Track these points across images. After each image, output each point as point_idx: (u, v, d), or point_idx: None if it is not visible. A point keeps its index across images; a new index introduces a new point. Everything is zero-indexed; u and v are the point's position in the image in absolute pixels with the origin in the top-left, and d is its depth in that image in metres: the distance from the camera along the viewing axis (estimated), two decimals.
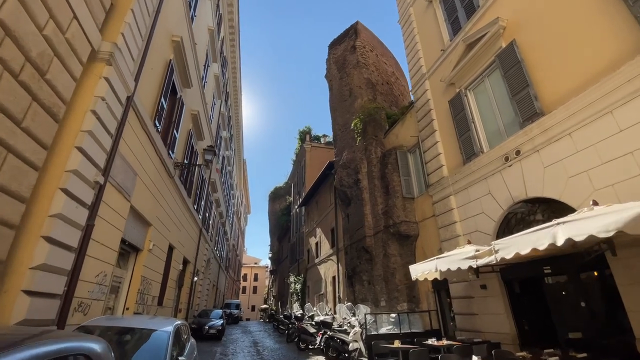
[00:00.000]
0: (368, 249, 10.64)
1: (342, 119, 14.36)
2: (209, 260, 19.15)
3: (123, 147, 6.01)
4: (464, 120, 7.88)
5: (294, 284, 21.08)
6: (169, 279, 10.62)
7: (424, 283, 8.96)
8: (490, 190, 6.97)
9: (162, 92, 7.88)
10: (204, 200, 15.55)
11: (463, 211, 7.70)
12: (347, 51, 15.12)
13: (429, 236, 8.98)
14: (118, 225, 6.09)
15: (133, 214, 7.04)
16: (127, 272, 7.67)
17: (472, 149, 7.53)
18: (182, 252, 11.87)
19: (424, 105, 9.56)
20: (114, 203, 5.84)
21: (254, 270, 64.63)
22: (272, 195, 35.09)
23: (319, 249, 17.68)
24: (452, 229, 7.89)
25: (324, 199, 17.72)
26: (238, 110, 25.81)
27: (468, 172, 7.56)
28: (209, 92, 14.93)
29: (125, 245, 7.15)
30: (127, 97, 5.92)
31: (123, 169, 6.07)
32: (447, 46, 8.92)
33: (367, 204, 11.20)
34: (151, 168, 7.65)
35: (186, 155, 11.22)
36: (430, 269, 5.93)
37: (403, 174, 10.07)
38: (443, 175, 8.43)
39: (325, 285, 15.86)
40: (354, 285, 11.56)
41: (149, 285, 8.37)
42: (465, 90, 8.07)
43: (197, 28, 11.52)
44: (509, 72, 6.71)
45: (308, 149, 22.98)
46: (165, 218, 9.32)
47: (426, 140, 9.25)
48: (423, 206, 9.39)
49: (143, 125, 6.87)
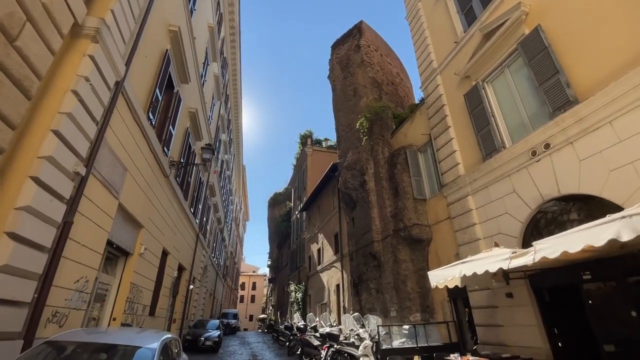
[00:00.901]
0: (376, 255, 9.96)
1: (346, 119, 13.82)
2: (205, 268, 18.36)
3: (111, 137, 5.41)
4: (483, 114, 7.32)
5: (294, 292, 20.22)
6: (163, 287, 9.88)
7: (439, 291, 8.26)
8: (515, 188, 6.37)
9: (157, 83, 7.31)
10: (202, 204, 14.88)
11: (483, 212, 7.08)
12: (351, 50, 14.69)
13: (444, 240, 8.33)
14: (104, 224, 5.43)
15: (122, 213, 6.38)
16: (115, 279, 6.97)
17: (493, 144, 6.95)
18: (177, 257, 11.14)
19: (436, 101, 9.02)
20: (99, 199, 5.19)
21: (252, 279, 63.38)
22: (271, 202, 34.35)
23: (322, 255, 16.94)
24: (471, 231, 7.25)
25: (326, 203, 17.05)
26: (238, 113, 25.33)
27: (488, 170, 6.96)
28: (208, 91, 14.42)
29: (113, 248, 6.47)
30: (116, 82, 5.34)
31: (110, 162, 5.44)
32: (461, 38, 8.43)
33: (375, 207, 10.57)
34: (143, 164, 7.03)
35: (183, 155, 10.60)
36: (453, 274, 5.28)
37: (414, 174, 9.47)
38: (459, 174, 7.83)
39: (329, 294, 15.07)
40: (360, 294, 10.84)
41: (139, 294, 7.65)
42: (482, 83, 7.54)
43: (197, 23, 11.04)
44: (534, 59, 6.18)
45: (309, 153, 22.39)
46: (159, 220, 8.65)
47: (439, 138, 8.68)
48: (436, 208, 8.76)
49: (135, 117, 6.27)
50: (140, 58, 6.45)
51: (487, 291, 6.68)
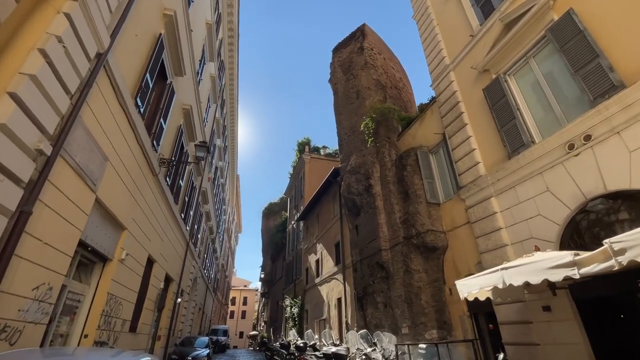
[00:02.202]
0: (384, 265, 9.11)
1: (349, 122, 13.21)
2: (195, 280, 17.17)
3: (89, 118, 4.60)
4: (506, 108, 6.72)
5: (289, 307, 19.00)
6: (147, 299, 8.83)
7: (458, 305, 7.43)
8: (549, 186, 5.69)
9: (147, 67, 6.56)
10: (193, 210, 13.91)
11: (509, 215, 6.37)
12: (354, 53, 14.24)
13: (462, 248, 7.56)
14: (75, 221, 4.54)
15: (100, 210, 5.50)
16: (90, 288, 6.00)
17: (520, 139, 6.31)
18: (164, 267, 10.12)
19: (450, 98, 8.44)
20: (71, 189, 4.33)
21: (243, 294, 61.27)
22: (266, 212, 33.26)
23: (321, 267, 15.93)
24: (495, 237, 6.51)
25: (326, 211, 16.19)
26: (234, 120, 24.65)
27: (515, 168, 6.30)
28: (204, 91, 13.71)
29: (88, 252, 5.54)
30: (98, 54, 4.58)
31: (87, 147, 4.61)
32: (477, 31, 7.94)
33: (382, 213, 9.79)
34: (128, 157, 6.18)
35: (175, 154, 9.76)
36: (491, 283, 4.48)
37: (426, 177, 8.77)
38: (479, 174, 7.15)
39: (329, 308, 14.00)
40: (365, 309, 9.91)
41: (118, 306, 6.65)
42: (504, 76, 6.98)
43: (194, 16, 10.44)
44: (567, 45, 5.63)
45: (307, 160, 21.67)
46: (145, 223, 7.72)
47: (455, 136, 8.04)
48: (452, 212, 8.02)
49: (120, 100, 5.48)
50: (129, 36, 5.73)
51: (519, 304, 5.89)
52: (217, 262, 28.87)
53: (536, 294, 5.64)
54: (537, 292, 5.58)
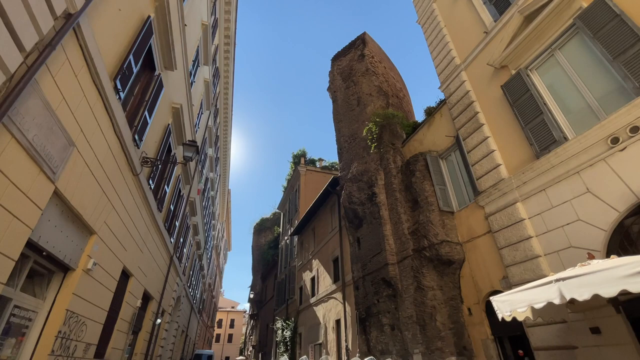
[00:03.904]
0: (391, 281, 8.16)
1: (349, 129, 12.57)
2: (179, 299, 15.75)
3: (50, 88, 3.74)
4: (530, 104, 6.11)
5: (281, 330, 17.54)
6: (119, 319, 7.63)
7: (479, 328, 6.49)
8: (589, 187, 4.98)
9: (132, 49, 5.79)
10: (179, 221, 12.81)
11: (541, 222, 5.60)
12: (354, 60, 13.84)
13: (482, 261, 6.72)
14: (23, 215, 3.58)
15: (61, 207, 4.53)
16: (46, 303, 4.91)
17: (550, 136, 5.66)
18: (142, 282, 8.95)
19: (463, 98, 7.86)
20: (18, 172, 3.41)
21: (230, 316, 58.37)
22: (257, 227, 31.89)
23: (317, 285, 14.74)
24: (525, 247, 5.71)
25: (323, 224, 15.21)
26: (227, 130, 23.91)
27: (545, 168, 5.60)
28: (196, 95, 13.00)
29: (42, 257, 4.51)
30: (67, 13, 3.81)
31: (44, 123, 3.72)
32: (491, 28, 7.48)
33: (387, 223, 8.94)
34: (102, 147, 5.28)
35: (161, 156, 8.86)
36: (544, 298, 3.61)
37: (437, 183, 8.02)
38: (501, 177, 6.44)
39: (326, 332, 12.74)
40: (368, 332, 8.84)
41: (80, 326, 5.52)
42: (526, 70, 6.43)
43: (190, 11, 9.86)
44: (601, 31, 5.11)
45: (303, 173, 20.84)
46: (120, 229, 6.71)
47: (470, 138, 7.39)
48: (469, 221, 7.23)
49: (95, 77, 4.66)
50: (111, 8, 5.00)
51: (559, 325, 5.02)
52: (204, 281, 27.19)
53: (581, 312, 4.80)
54: (582, 310, 4.74)
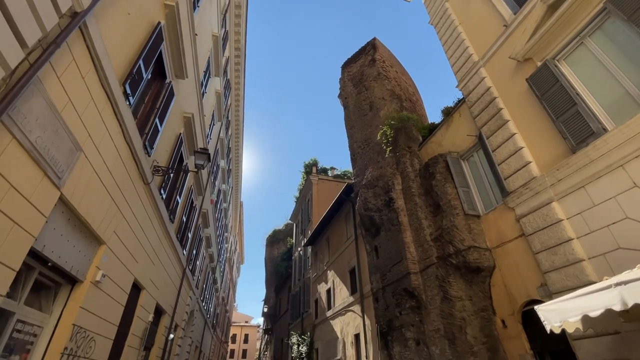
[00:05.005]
0: (414, 292, 7.64)
1: (362, 134, 12.27)
2: (192, 313, 15.44)
3: (55, 88, 3.59)
4: (562, 96, 5.68)
5: (296, 346, 16.93)
6: (130, 334, 7.35)
7: (515, 342, 5.90)
8: (636, 181, 4.48)
9: (142, 54, 5.70)
10: (192, 233, 12.61)
11: (581, 222, 5.09)
12: (365, 66, 13.66)
13: (515, 267, 6.18)
14: (26, 222, 3.37)
15: (67, 214, 4.33)
16: (52, 318, 4.67)
17: (587, 128, 5.19)
18: (154, 296, 8.69)
19: (484, 95, 7.47)
20: (19, 176, 3.21)
21: (244, 330, 57.59)
22: (269, 239, 31.57)
23: (333, 297, 14.18)
24: (565, 250, 5.18)
25: (338, 233, 14.76)
26: (239, 142, 23.98)
27: (584, 162, 5.12)
28: (208, 105, 13.01)
29: (47, 269, 4.29)
30: (74, 12, 3.69)
31: (48, 125, 3.55)
32: (511, 20, 7.14)
33: (407, 230, 8.47)
34: (111, 153, 5.12)
35: (173, 166, 8.72)
36: (602, 304, 3.13)
37: (460, 185, 7.56)
38: (532, 176, 5.96)
39: (344, 347, 12.13)
40: (391, 347, 8.27)
41: (88, 342, 5.25)
42: (553, 61, 6.03)
43: (200, 21, 9.91)
44: (636, 13, 4.70)
45: (315, 182, 20.55)
46: (131, 239, 6.50)
47: (494, 136, 6.96)
48: (498, 225, 6.72)
49: (103, 80, 4.53)
50: (119, 11, 4.91)
51: (611, 337, 4.44)
52: (217, 295, 26.85)
53: (636, 322, 4.24)
54: (638, 319, 4.18)
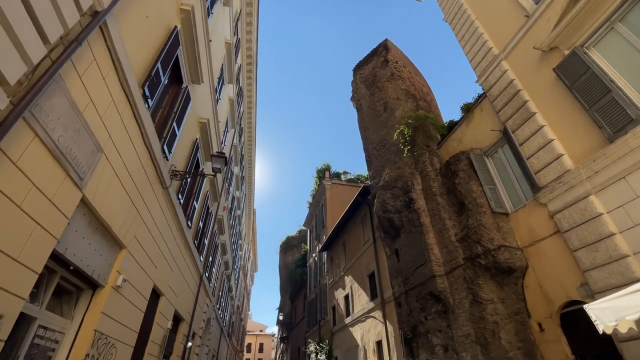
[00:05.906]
0: (440, 295, 7.31)
1: (377, 135, 12.07)
2: (208, 321, 15.32)
3: (76, 87, 3.56)
4: (594, 83, 5.38)
5: (315, 354, 16.55)
6: (150, 342, 7.26)
7: (555, 346, 5.51)
8: None
9: (160, 57, 5.70)
10: (208, 239, 12.57)
11: (624, 215, 4.74)
12: (378, 67, 13.53)
13: (551, 266, 5.81)
14: (48, 223, 3.31)
15: (89, 217, 4.27)
16: (73, 323, 4.60)
17: (624, 115, 4.88)
18: (172, 302, 8.60)
19: (507, 88, 7.20)
20: (42, 175, 3.16)
21: (259, 339, 57.19)
22: (283, 246, 31.40)
23: (351, 303, 13.84)
24: (607, 246, 4.82)
25: (354, 237, 14.47)
26: (252, 150, 24.11)
27: (623, 152, 4.80)
28: (222, 112, 13.08)
29: (70, 272, 4.22)
30: (94, 10, 3.68)
31: (70, 124, 3.51)
32: (533, 10, 6.90)
33: (430, 231, 8.17)
34: (131, 156, 5.09)
35: (189, 170, 8.72)
36: None
37: (486, 182, 7.25)
38: (566, 169, 5.63)
39: (365, 355, 11.73)
40: (416, 354, 7.90)
41: (109, 349, 5.15)
42: (582, 48, 5.74)
43: (214, 28, 10.00)
44: None
45: (328, 187, 20.35)
46: (150, 244, 6.44)
47: (520, 130, 6.66)
48: (529, 222, 6.37)
49: (122, 82, 4.51)
50: (138, 13, 4.93)
51: None
52: (233, 303, 26.73)
53: None
54: None
